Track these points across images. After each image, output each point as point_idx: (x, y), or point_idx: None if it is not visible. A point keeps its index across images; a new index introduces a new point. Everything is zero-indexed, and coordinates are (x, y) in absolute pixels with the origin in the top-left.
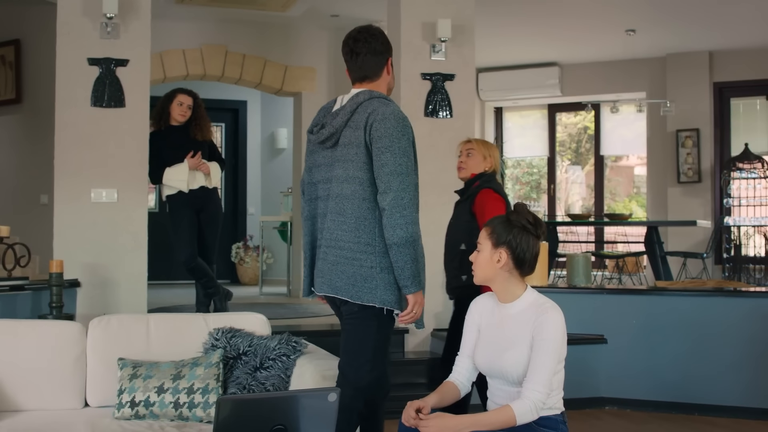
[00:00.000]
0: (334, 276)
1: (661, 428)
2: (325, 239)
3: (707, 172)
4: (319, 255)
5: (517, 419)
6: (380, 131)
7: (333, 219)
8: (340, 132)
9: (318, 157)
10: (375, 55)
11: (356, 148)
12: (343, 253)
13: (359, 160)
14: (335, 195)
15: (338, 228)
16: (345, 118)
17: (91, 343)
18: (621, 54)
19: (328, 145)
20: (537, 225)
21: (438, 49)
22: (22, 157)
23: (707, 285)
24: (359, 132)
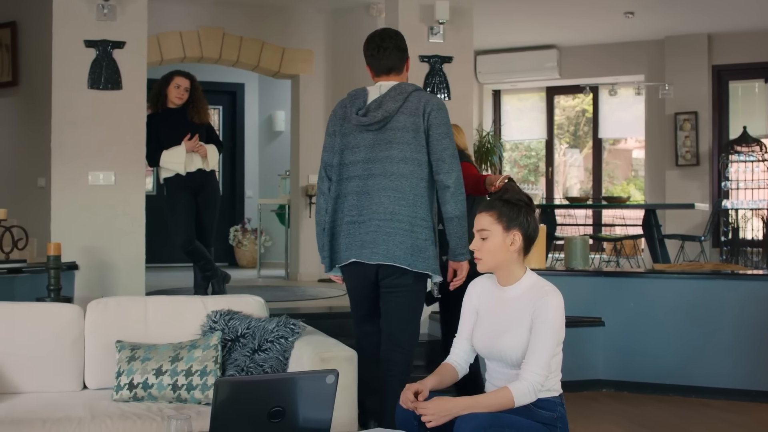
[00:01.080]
0: (391, 246)
1: (657, 410)
2: (378, 213)
3: (705, 155)
4: (367, 228)
5: (515, 401)
6: (439, 119)
7: (389, 195)
8: (392, 116)
9: (355, 139)
10: (399, 51)
11: (413, 132)
12: (402, 225)
13: (417, 143)
14: (390, 173)
15: (395, 203)
16: (398, 104)
17: (89, 326)
18: (619, 37)
19: (375, 128)
20: (531, 201)
21: (436, 31)
22: (19, 139)
23: (705, 268)
24: (416, 118)
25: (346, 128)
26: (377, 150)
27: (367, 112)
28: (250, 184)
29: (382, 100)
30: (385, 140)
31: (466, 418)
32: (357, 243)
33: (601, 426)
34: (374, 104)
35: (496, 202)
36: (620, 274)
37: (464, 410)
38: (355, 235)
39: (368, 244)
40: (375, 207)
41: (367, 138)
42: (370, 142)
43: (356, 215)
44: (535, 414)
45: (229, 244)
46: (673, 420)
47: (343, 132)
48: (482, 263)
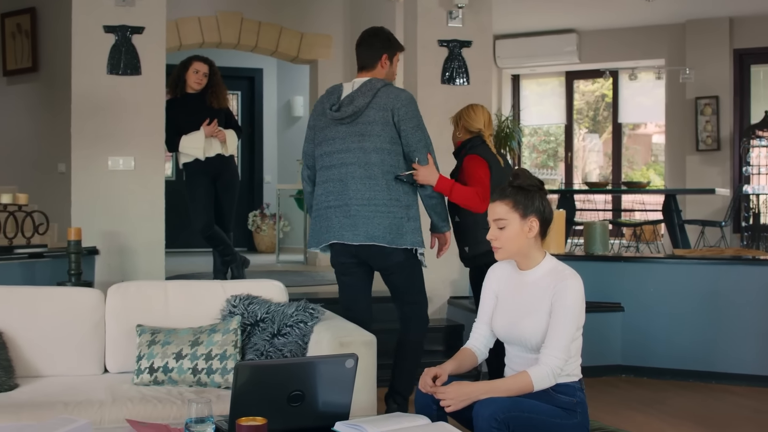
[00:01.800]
0: (370, 227)
1: (677, 396)
2: (356, 199)
3: (726, 139)
4: (346, 212)
5: (534, 385)
6: (408, 113)
7: (364, 183)
8: (362, 111)
9: (331, 132)
10: (372, 48)
11: (383, 125)
12: (378, 209)
13: (387, 135)
14: (364, 163)
15: (370, 190)
16: (367, 99)
17: (109, 310)
18: (640, 20)
19: (347, 122)
20: (543, 184)
21: (455, 15)
22: (39, 125)
23: (725, 253)
24: (385, 113)
25: (322, 122)
26: (350, 141)
27: (340, 107)
28: (269, 170)
29: (353, 96)
30: (357, 132)
31: (485, 402)
32: (336, 225)
33: (621, 412)
34: (347, 99)
35: (509, 189)
36: (640, 259)
37: (483, 394)
38: (334, 218)
39: (348, 226)
40: (352, 194)
41: (341, 131)
42: (343, 134)
43: (333, 200)
44: (554, 399)
45: (247, 229)
46: (692, 406)
47: (321, 126)
48: (501, 252)
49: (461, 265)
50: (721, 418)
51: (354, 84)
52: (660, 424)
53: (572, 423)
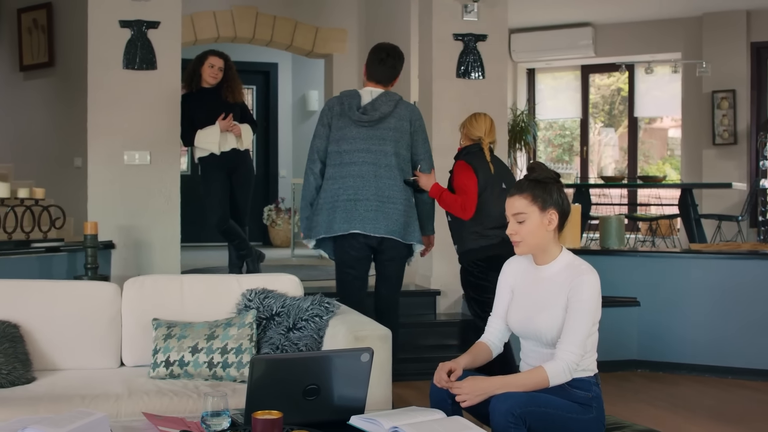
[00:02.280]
0: (390, 222)
1: (693, 391)
2: (378, 195)
3: (743, 133)
4: (366, 206)
5: (550, 380)
6: (422, 127)
7: (384, 182)
8: (386, 118)
9: (351, 132)
10: (394, 69)
11: (400, 133)
12: (396, 206)
13: (404, 141)
14: (384, 164)
15: (390, 189)
16: (390, 108)
17: (126, 304)
18: (656, 14)
19: (368, 125)
20: (559, 176)
21: (470, 9)
22: (56, 120)
23: (742, 248)
24: (404, 123)
25: (342, 122)
26: (371, 143)
27: (365, 112)
28: (284, 164)
29: (375, 103)
30: (378, 136)
31: (502, 397)
32: (357, 218)
33: (636, 406)
34: (370, 106)
35: (526, 182)
36: (656, 254)
37: (498, 389)
38: (354, 210)
39: (370, 220)
40: (373, 190)
41: (362, 132)
42: (364, 136)
43: (353, 194)
44: (570, 394)
45: (263, 224)
46: (708, 401)
47: (339, 125)
48: (522, 246)
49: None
50: (736, 413)
51: (372, 93)
52: (675, 418)
53: (588, 418)
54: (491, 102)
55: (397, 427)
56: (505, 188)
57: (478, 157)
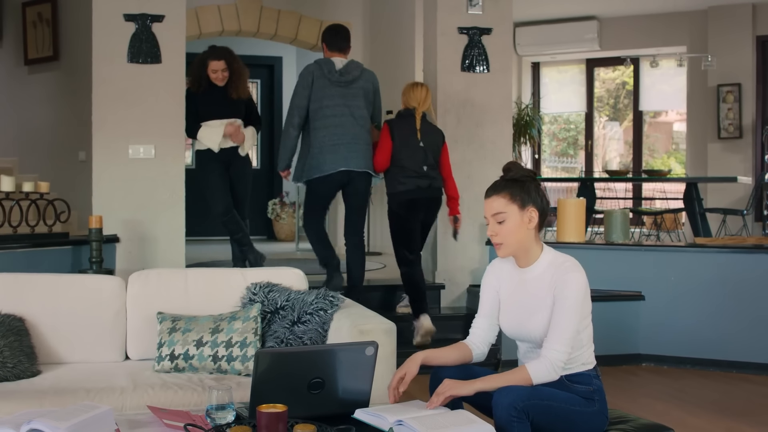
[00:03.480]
0: (361, 159)
1: (698, 385)
2: (355, 138)
3: (748, 127)
4: (348, 149)
5: (533, 380)
6: (378, 90)
7: (356, 129)
8: (356, 80)
9: (330, 91)
10: (347, 41)
11: (366, 92)
12: (367, 146)
13: (368, 99)
14: (357, 116)
15: (361, 133)
16: (358, 73)
17: (130, 298)
18: (661, 7)
19: (343, 85)
20: (535, 174)
21: (475, 2)
22: (60, 114)
23: (747, 242)
24: (369, 84)
25: (321, 83)
26: (347, 99)
27: (341, 74)
28: None
29: (347, 68)
30: (351, 94)
31: (504, 390)
32: (341, 158)
33: (641, 400)
34: (343, 70)
35: (502, 182)
36: (660, 248)
37: (479, 386)
38: (339, 152)
39: (353, 158)
40: (350, 136)
41: (339, 91)
42: (341, 94)
43: (336, 139)
44: (570, 389)
45: (267, 218)
46: (712, 395)
47: (319, 86)
48: (504, 248)
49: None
50: (740, 407)
51: (342, 61)
52: (680, 412)
53: (591, 410)
54: (496, 96)
55: (402, 421)
56: (423, 146)
57: (401, 120)
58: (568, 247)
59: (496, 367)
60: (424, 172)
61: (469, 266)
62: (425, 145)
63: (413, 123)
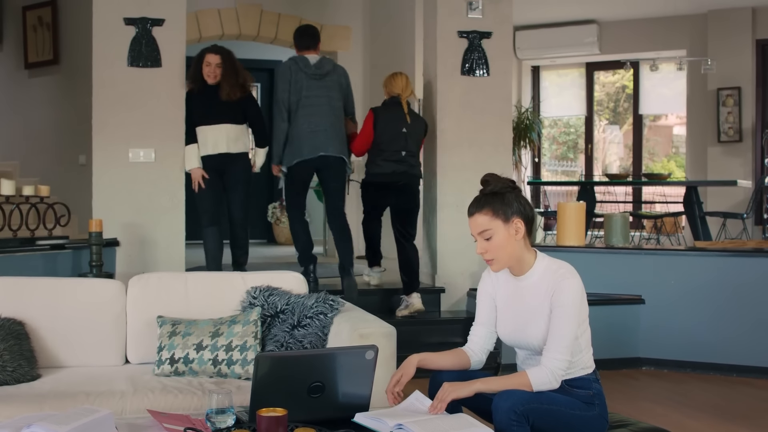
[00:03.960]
0: (337, 145)
1: (698, 389)
2: (332, 126)
3: (748, 131)
4: (325, 136)
5: (534, 387)
6: (350, 84)
7: (333, 119)
8: (328, 74)
9: (308, 83)
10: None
11: (339, 85)
12: (342, 133)
13: (341, 92)
14: (332, 107)
15: (337, 122)
16: (330, 68)
17: (130, 301)
18: (661, 11)
19: (318, 78)
20: (514, 182)
21: (475, 6)
22: (61, 117)
23: (747, 245)
24: (342, 79)
25: (298, 77)
26: (322, 91)
27: (316, 69)
28: None
29: (320, 64)
30: (325, 86)
31: (504, 395)
32: (320, 143)
33: (641, 404)
34: (317, 65)
35: (482, 198)
36: (660, 251)
37: (478, 388)
38: (317, 139)
39: (330, 144)
40: (327, 124)
41: (314, 84)
42: (316, 86)
43: (314, 126)
44: (570, 393)
45: (267, 221)
46: (713, 399)
47: (297, 80)
48: (496, 263)
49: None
50: (741, 411)
51: (314, 58)
52: (680, 416)
53: (591, 414)
54: (496, 99)
55: (402, 425)
56: (406, 132)
57: (385, 108)
58: (568, 251)
59: (496, 372)
60: (402, 157)
61: (469, 270)
62: (408, 131)
63: (400, 110)
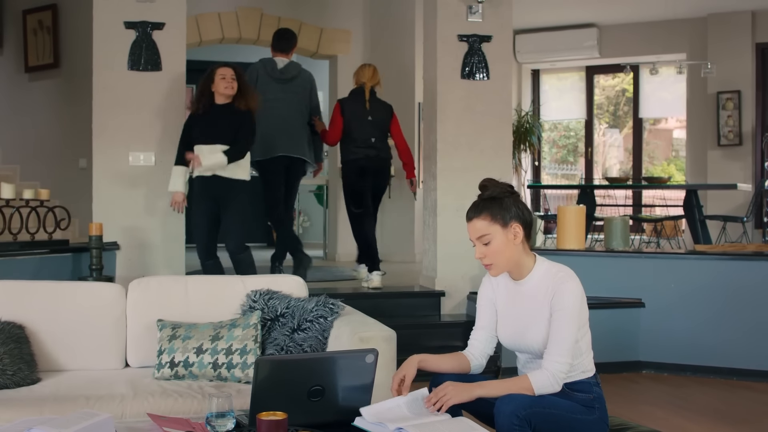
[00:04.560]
0: (298, 147)
1: (698, 392)
2: (294, 127)
3: (748, 134)
4: (291, 135)
5: (535, 391)
6: (315, 87)
7: (297, 119)
8: (294, 78)
9: (274, 87)
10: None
11: (304, 89)
12: (306, 134)
13: (306, 96)
14: (295, 109)
15: (301, 124)
16: (296, 72)
17: (130, 305)
18: (661, 14)
19: (283, 82)
20: (512, 187)
21: (475, 10)
22: (61, 121)
23: (747, 249)
24: (306, 83)
25: (265, 79)
26: (286, 94)
27: (282, 73)
28: None
29: (287, 68)
30: (290, 90)
31: (506, 399)
32: (283, 145)
33: (641, 407)
34: (284, 69)
35: (481, 203)
36: (660, 255)
37: (479, 391)
38: (281, 140)
39: (291, 146)
40: (289, 124)
41: (280, 87)
42: (281, 89)
43: (277, 129)
44: (571, 397)
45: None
46: (713, 402)
47: (263, 82)
48: (495, 268)
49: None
50: (741, 415)
51: (283, 61)
52: (680, 420)
53: (592, 418)
54: (496, 103)
55: (402, 428)
56: (371, 120)
57: (350, 97)
58: (568, 255)
59: (496, 375)
60: (372, 143)
61: (470, 273)
62: (373, 119)
63: (363, 99)
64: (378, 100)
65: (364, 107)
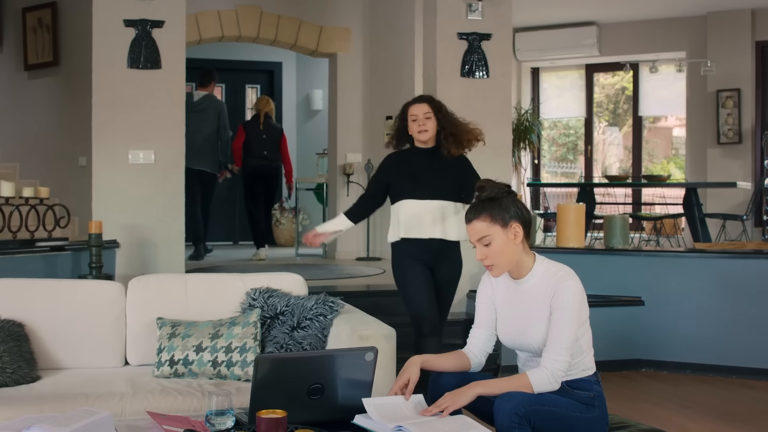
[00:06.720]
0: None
1: (698, 391)
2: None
3: (748, 132)
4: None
5: (534, 388)
6: (222, 112)
7: (202, 142)
8: (206, 109)
9: (189, 116)
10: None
11: (212, 117)
12: (209, 152)
13: (216, 121)
14: (206, 131)
15: (210, 147)
16: (208, 103)
17: (130, 303)
18: (660, 12)
19: (196, 112)
20: (510, 186)
21: (474, 8)
22: (60, 119)
23: (746, 247)
24: (215, 111)
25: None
26: (199, 122)
27: (195, 106)
28: None
29: (200, 101)
30: (201, 118)
31: (506, 397)
32: (195, 160)
33: (641, 406)
34: (197, 102)
35: (480, 204)
36: (660, 253)
37: (479, 390)
38: (193, 156)
39: (200, 161)
40: (199, 146)
41: (195, 116)
42: (197, 118)
43: (191, 147)
44: (571, 395)
45: None
46: (713, 401)
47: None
48: (496, 268)
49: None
50: (741, 413)
51: (200, 95)
52: (680, 418)
53: (592, 416)
54: (495, 101)
55: (402, 426)
56: (265, 138)
57: (251, 121)
58: (568, 253)
59: (496, 373)
60: (264, 156)
61: (469, 271)
62: (266, 137)
63: (258, 122)
64: (271, 124)
65: (259, 127)
